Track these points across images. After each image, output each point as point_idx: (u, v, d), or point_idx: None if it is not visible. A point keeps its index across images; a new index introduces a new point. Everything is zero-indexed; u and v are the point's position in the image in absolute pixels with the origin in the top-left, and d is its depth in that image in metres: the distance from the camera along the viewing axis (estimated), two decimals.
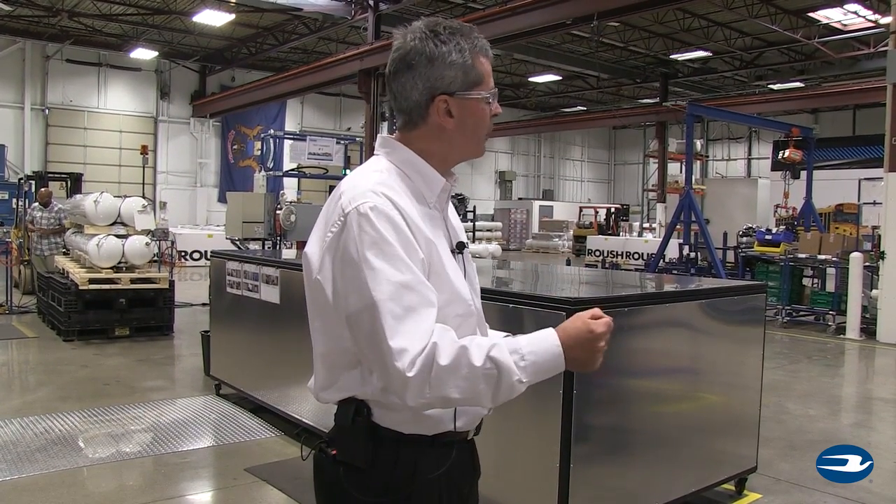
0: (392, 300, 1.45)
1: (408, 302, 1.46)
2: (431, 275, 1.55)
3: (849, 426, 6.57)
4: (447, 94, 1.63)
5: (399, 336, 1.44)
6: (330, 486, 1.65)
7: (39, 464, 4.87)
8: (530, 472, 3.59)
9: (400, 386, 1.46)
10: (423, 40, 1.62)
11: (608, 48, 24.76)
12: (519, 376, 1.49)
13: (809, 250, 12.43)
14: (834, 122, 31.96)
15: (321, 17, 21.63)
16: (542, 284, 5.08)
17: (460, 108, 1.64)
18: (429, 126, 1.66)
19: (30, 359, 8.69)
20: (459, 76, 1.62)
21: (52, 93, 25.97)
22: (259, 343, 6.08)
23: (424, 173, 1.67)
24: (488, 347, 1.48)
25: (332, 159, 14.03)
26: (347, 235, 1.52)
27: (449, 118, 1.64)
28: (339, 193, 1.61)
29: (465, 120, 1.66)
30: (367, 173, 1.64)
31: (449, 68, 1.62)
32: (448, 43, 1.61)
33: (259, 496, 4.52)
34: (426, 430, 1.61)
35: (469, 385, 1.46)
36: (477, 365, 1.45)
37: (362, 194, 1.55)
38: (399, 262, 1.48)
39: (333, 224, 1.57)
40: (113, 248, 9.20)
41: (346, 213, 1.54)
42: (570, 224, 32.91)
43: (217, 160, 29.88)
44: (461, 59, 1.62)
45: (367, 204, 1.52)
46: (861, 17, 19.34)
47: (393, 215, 1.52)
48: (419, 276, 1.50)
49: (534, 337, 1.54)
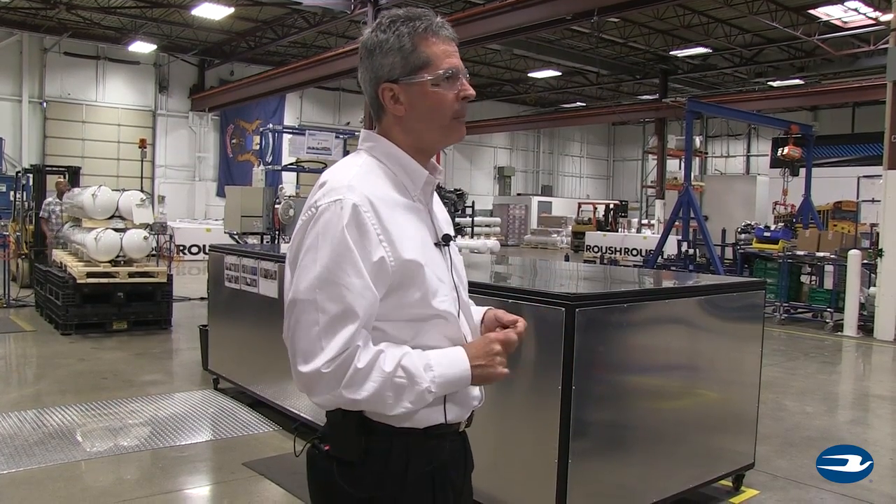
0: (330, 300, 1.50)
1: (341, 306, 1.50)
2: (403, 272, 1.57)
3: (846, 423, 6.58)
4: (390, 82, 1.63)
5: (326, 335, 1.49)
6: (323, 481, 1.65)
7: (37, 457, 4.87)
8: (528, 468, 3.59)
9: (311, 380, 1.51)
10: (371, 34, 1.65)
11: (608, 44, 24.74)
12: (428, 385, 1.54)
13: (808, 247, 12.45)
14: (833, 120, 31.95)
15: (320, 12, 21.58)
16: (540, 280, 5.08)
17: (407, 93, 1.63)
18: (388, 116, 1.67)
19: (27, 352, 8.68)
20: (398, 62, 1.62)
21: (49, 86, 25.93)
22: (257, 337, 6.07)
23: (406, 166, 1.68)
24: (400, 355, 1.53)
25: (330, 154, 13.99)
26: (314, 226, 1.55)
27: (398, 105, 1.64)
28: (319, 185, 1.64)
29: (416, 105, 1.64)
30: (346, 167, 1.66)
31: (386, 56, 1.62)
32: (387, 31, 1.63)
33: (257, 490, 4.52)
34: (417, 424, 1.60)
35: (377, 388, 1.51)
36: (387, 370, 1.51)
37: (337, 189, 1.57)
38: (349, 267, 1.51)
39: (304, 212, 1.61)
40: (111, 242, 9.19)
41: (318, 206, 1.56)
42: (569, 220, 32.91)
43: (216, 154, 29.85)
44: (398, 44, 1.61)
45: (340, 201, 1.54)
46: (861, 15, 19.30)
47: (361, 215, 1.54)
48: (364, 282, 1.52)
49: (444, 351, 1.60)
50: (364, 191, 1.56)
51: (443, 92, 1.64)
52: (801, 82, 27.11)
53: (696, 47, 24.69)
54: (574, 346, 3.33)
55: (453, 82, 1.65)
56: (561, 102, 35.99)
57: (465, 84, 1.66)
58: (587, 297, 3.56)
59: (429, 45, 1.62)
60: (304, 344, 1.51)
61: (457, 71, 1.65)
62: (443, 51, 1.64)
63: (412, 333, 1.61)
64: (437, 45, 1.63)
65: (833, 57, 23.03)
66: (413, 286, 1.58)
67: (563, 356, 3.33)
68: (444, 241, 1.71)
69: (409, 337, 1.60)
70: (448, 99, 1.64)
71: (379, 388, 1.51)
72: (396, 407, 1.53)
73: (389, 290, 1.56)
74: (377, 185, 1.61)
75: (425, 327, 1.62)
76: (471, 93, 1.67)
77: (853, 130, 30.42)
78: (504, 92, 33.67)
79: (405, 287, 1.58)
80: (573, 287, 4.34)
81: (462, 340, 1.68)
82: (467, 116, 1.72)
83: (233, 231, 11.40)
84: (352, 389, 1.50)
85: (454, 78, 1.65)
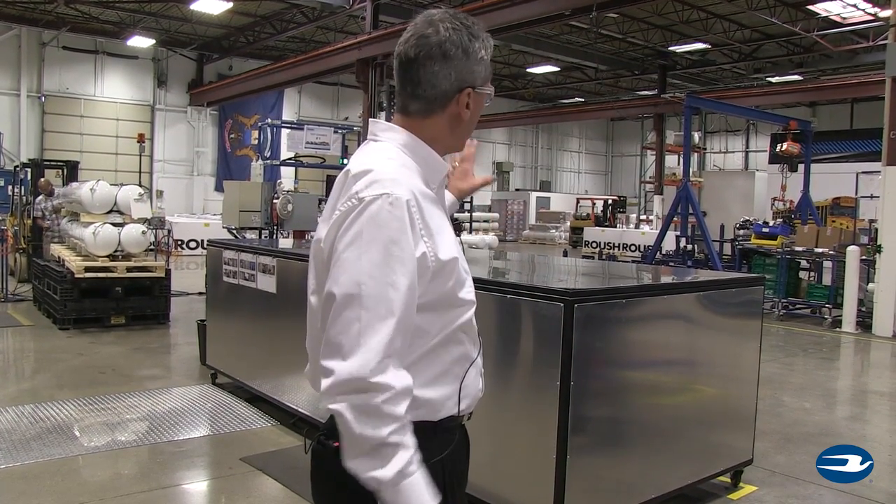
0: (374, 297, 1.46)
1: (386, 304, 1.46)
2: (441, 266, 1.58)
3: (844, 419, 6.58)
4: (471, 88, 1.68)
5: (367, 333, 1.45)
6: (331, 479, 1.63)
7: (34, 452, 4.87)
8: (527, 464, 3.59)
9: (355, 382, 1.44)
10: (458, 32, 1.64)
11: (607, 39, 24.68)
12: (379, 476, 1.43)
13: (806, 243, 12.44)
14: (832, 116, 31.94)
15: (319, 6, 21.50)
16: (539, 275, 5.07)
17: (475, 101, 1.71)
18: (446, 115, 1.69)
19: (25, 347, 8.67)
20: (482, 71, 1.69)
21: (48, 80, 25.86)
22: (255, 332, 6.07)
23: (430, 159, 1.69)
24: (406, 446, 1.45)
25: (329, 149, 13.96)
26: (358, 219, 1.51)
27: (467, 110, 1.70)
28: (355, 174, 1.59)
29: (474, 113, 1.73)
30: (384, 158, 1.63)
31: (479, 63, 1.68)
32: (478, 38, 1.68)
33: (254, 485, 4.52)
34: (431, 416, 1.60)
35: (369, 429, 1.43)
36: (382, 434, 1.42)
37: (382, 182, 1.54)
38: (398, 265, 1.49)
39: (343, 202, 1.56)
40: (109, 237, 9.17)
41: (362, 197, 1.52)
42: (567, 215, 32.92)
43: (214, 149, 29.81)
44: (485, 55, 1.69)
45: (388, 195, 1.51)
46: (860, 11, 19.28)
47: (410, 211, 1.53)
48: (411, 281, 1.50)
49: (426, 484, 1.48)
50: (409, 185, 1.56)
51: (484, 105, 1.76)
52: (799, 78, 27.08)
53: (695, 43, 24.66)
54: (572, 342, 3.32)
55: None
56: (559, 98, 35.94)
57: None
58: (585, 292, 3.55)
59: (489, 61, 1.73)
60: (342, 339, 1.46)
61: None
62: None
63: (440, 324, 1.61)
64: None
65: (832, 53, 23.01)
66: (447, 278, 1.60)
67: (561, 352, 3.33)
68: (457, 232, 1.75)
69: (435, 328, 1.60)
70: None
71: (366, 426, 1.43)
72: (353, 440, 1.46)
73: (426, 283, 1.57)
74: (414, 178, 1.61)
75: (451, 318, 1.64)
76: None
77: (852, 126, 30.42)
78: (502, 87, 33.60)
79: (439, 279, 1.59)
80: (571, 282, 4.33)
81: (475, 329, 1.71)
82: None
83: (231, 226, 11.36)
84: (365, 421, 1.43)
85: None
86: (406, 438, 1.46)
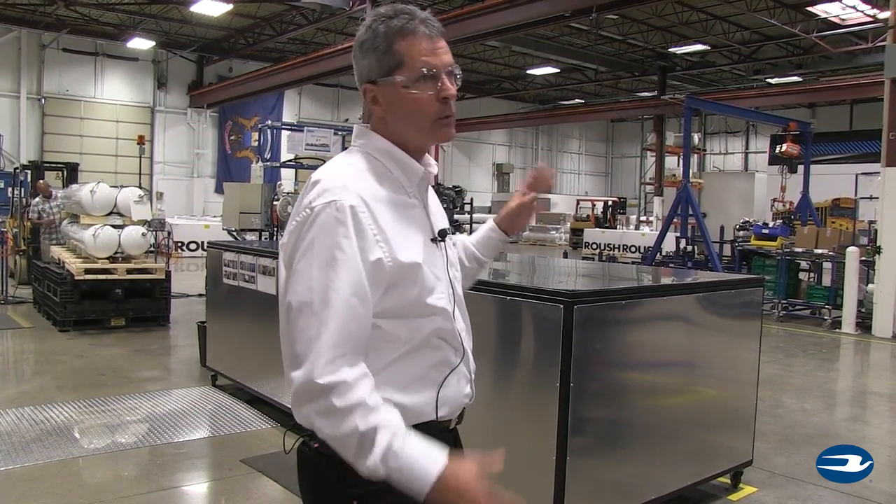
0: (325, 305, 1.46)
1: (336, 310, 1.46)
2: (400, 271, 1.55)
3: (844, 421, 6.58)
4: (370, 83, 1.62)
5: (319, 340, 1.44)
6: (313, 478, 1.64)
7: (34, 454, 4.87)
8: (527, 465, 3.58)
9: (309, 388, 1.44)
10: (368, 29, 1.63)
11: (606, 41, 24.70)
12: (371, 465, 1.42)
13: (806, 245, 12.44)
14: (831, 117, 31.93)
15: (319, 8, 21.49)
16: (539, 277, 5.07)
17: (384, 94, 1.61)
18: (373, 115, 1.66)
19: (25, 349, 8.67)
20: (374, 63, 1.60)
21: (48, 82, 25.87)
22: (255, 334, 6.06)
23: (401, 162, 1.66)
24: (382, 426, 1.43)
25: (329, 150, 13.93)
26: (309, 229, 1.51)
27: (377, 106, 1.63)
28: (311, 183, 1.60)
29: (393, 107, 1.62)
30: (339, 166, 1.63)
31: (366, 56, 1.62)
32: (368, 30, 1.61)
33: (254, 487, 4.52)
34: (406, 421, 1.56)
35: (338, 428, 1.43)
36: (351, 427, 1.42)
37: (331, 190, 1.53)
38: (344, 272, 1.48)
39: (299, 213, 1.56)
40: (109, 238, 9.18)
41: (312, 206, 1.52)
42: (568, 217, 32.90)
43: (214, 151, 29.81)
44: (373, 45, 1.60)
45: (335, 202, 1.51)
46: (859, 12, 19.31)
47: (358, 216, 1.51)
48: (360, 286, 1.49)
49: (422, 450, 1.46)
50: (359, 190, 1.54)
51: (418, 94, 1.58)
52: (799, 79, 27.11)
53: (695, 44, 24.68)
54: (572, 343, 3.32)
55: (431, 82, 1.59)
56: (559, 99, 35.94)
57: (446, 84, 1.60)
58: (585, 293, 3.56)
59: (404, 44, 1.58)
60: (297, 348, 1.48)
61: (436, 71, 1.59)
62: (419, 50, 1.58)
63: (408, 331, 1.59)
64: (413, 44, 1.58)
65: (831, 54, 23.05)
66: (410, 284, 1.57)
67: (561, 353, 3.33)
68: (440, 237, 1.69)
69: (405, 334, 1.59)
70: (424, 101, 1.59)
71: (340, 428, 1.43)
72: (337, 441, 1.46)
73: (387, 288, 1.55)
74: (372, 183, 1.59)
75: (421, 324, 1.61)
76: (450, 93, 1.61)
77: (851, 127, 30.44)
78: (502, 89, 33.58)
79: (402, 285, 1.56)
80: (571, 284, 4.34)
81: (456, 336, 1.67)
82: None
83: (231, 227, 11.37)
84: (327, 414, 1.44)
85: (432, 78, 1.59)
86: (378, 418, 1.43)
